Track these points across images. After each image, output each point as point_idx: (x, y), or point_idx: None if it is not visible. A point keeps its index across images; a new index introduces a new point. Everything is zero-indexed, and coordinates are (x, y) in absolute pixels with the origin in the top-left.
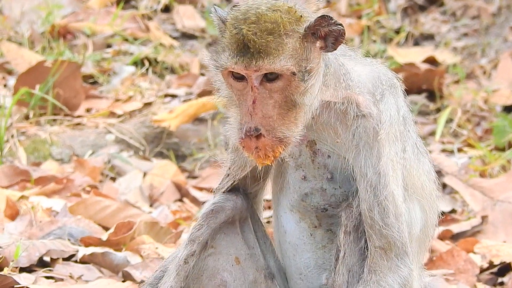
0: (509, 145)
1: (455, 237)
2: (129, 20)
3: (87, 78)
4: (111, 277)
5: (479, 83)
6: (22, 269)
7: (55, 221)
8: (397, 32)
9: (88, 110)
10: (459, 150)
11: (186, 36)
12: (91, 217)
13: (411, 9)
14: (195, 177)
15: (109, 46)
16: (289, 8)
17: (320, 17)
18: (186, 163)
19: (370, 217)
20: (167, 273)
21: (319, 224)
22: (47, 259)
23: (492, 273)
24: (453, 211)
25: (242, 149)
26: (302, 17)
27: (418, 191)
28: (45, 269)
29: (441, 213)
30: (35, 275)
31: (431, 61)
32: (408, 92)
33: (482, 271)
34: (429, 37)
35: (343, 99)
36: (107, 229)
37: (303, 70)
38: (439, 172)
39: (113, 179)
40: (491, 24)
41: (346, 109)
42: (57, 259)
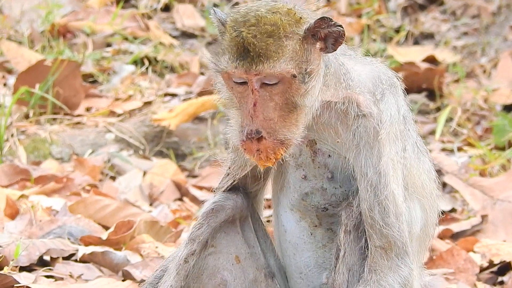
0: (509, 144)
1: (455, 236)
2: (129, 19)
3: (87, 77)
4: (111, 276)
5: (479, 82)
6: (22, 268)
7: (55, 220)
8: (397, 31)
9: (88, 109)
10: (459, 149)
11: (186, 35)
12: (91, 216)
13: (411, 8)
14: (195, 176)
15: (109, 45)
16: (289, 10)
17: (319, 19)
18: (186, 162)
19: (370, 216)
20: (167, 272)
21: (320, 223)
22: (47, 258)
23: (492, 272)
24: (453, 210)
25: (243, 152)
26: (301, 19)
27: (418, 190)
28: (45, 268)
29: (441, 212)
30: (35, 274)
31: (431, 60)
32: (408, 91)
33: (482, 270)
34: (429, 36)
35: (343, 99)
36: (107, 228)
37: (303, 72)
38: (439, 171)
39: (113, 178)
40: (491, 23)
41: (346, 109)
42: (57, 258)
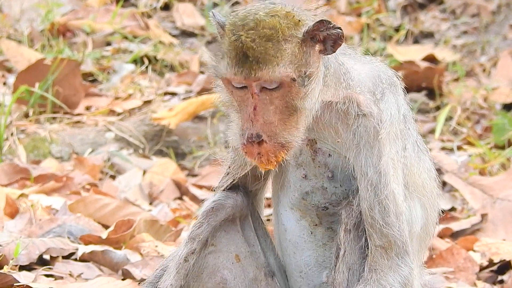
0: (509, 143)
1: (455, 235)
2: (128, 18)
3: (86, 76)
4: (111, 275)
5: (478, 81)
6: (21, 267)
7: (55, 219)
8: (397, 30)
9: (87, 108)
10: (459, 148)
11: (185, 34)
12: (91, 215)
13: (411, 7)
14: (194, 175)
15: (108, 44)
16: (287, 13)
17: (318, 22)
18: (185, 161)
19: (370, 216)
20: (167, 271)
21: (320, 222)
22: (46, 257)
23: (491, 271)
24: (453, 209)
25: (244, 155)
26: (300, 22)
27: (418, 189)
28: (45, 267)
29: (441, 211)
30: (34, 273)
31: (430, 59)
32: (407, 90)
33: (481, 269)
34: (428, 35)
35: (344, 99)
36: (106, 227)
37: (302, 75)
38: (438, 170)
39: (113, 177)
40: (490, 22)
41: (347, 108)
42: (57, 257)
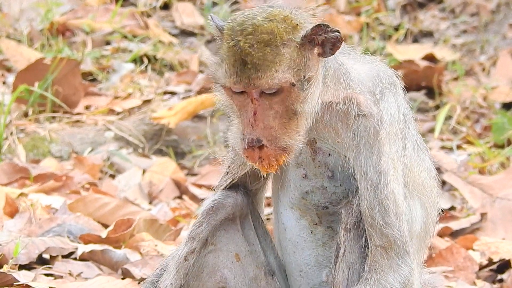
0: (508, 142)
1: (454, 234)
2: (128, 17)
3: (86, 75)
4: (111, 274)
5: (478, 80)
6: (21, 267)
7: (54, 218)
8: (396, 29)
9: (87, 107)
10: (458, 147)
11: (185, 33)
12: (91, 215)
13: (410, 6)
14: (194, 174)
15: (108, 43)
16: (285, 16)
17: (316, 26)
18: (185, 160)
19: (370, 216)
20: (167, 271)
21: (320, 221)
22: (46, 256)
23: (491, 270)
24: (452, 208)
25: (245, 159)
26: (298, 25)
27: (419, 188)
28: (45, 266)
29: (440, 210)
30: (34, 273)
31: (430, 58)
32: (407, 89)
33: (481, 268)
34: (428, 34)
35: (344, 99)
36: (106, 226)
37: (302, 79)
38: (438, 169)
39: (113, 176)
40: (490, 21)
41: (347, 109)
42: (57, 256)
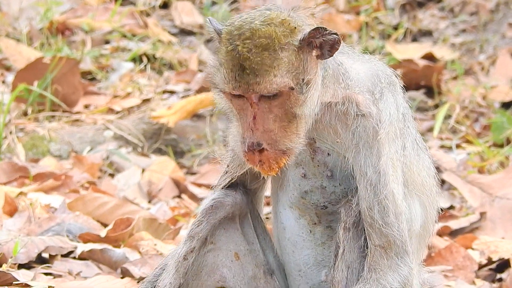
0: (508, 141)
1: (453, 234)
2: (127, 16)
3: (85, 74)
4: (110, 273)
5: (477, 79)
6: (20, 266)
7: (54, 217)
8: (396, 28)
9: (86, 106)
10: (458, 146)
11: (184, 32)
12: (90, 214)
13: (409, 5)
14: (193, 173)
15: (107, 42)
16: (283, 20)
17: (313, 30)
18: (184, 159)
19: (370, 216)
20: (166, 270)
21: (319, 221)
22: (45, 255)
23: (490, 269)
24: (452, 207)
25: (246, 162)
26: (296, 28)
27: (418, 187)
28: (44, 265)
29: (440, 209)
30: (33, 272)
31: (429, 57)
32: (406, 88)
33: (480, 267)
34: (427, 33)
35: (343, 99)
36: (105, 225)
37: (301, 82)
38: (437, 168)
39: (112, 175)
40: (489, 20)
41: (346, 109)
42: (56, 255)
